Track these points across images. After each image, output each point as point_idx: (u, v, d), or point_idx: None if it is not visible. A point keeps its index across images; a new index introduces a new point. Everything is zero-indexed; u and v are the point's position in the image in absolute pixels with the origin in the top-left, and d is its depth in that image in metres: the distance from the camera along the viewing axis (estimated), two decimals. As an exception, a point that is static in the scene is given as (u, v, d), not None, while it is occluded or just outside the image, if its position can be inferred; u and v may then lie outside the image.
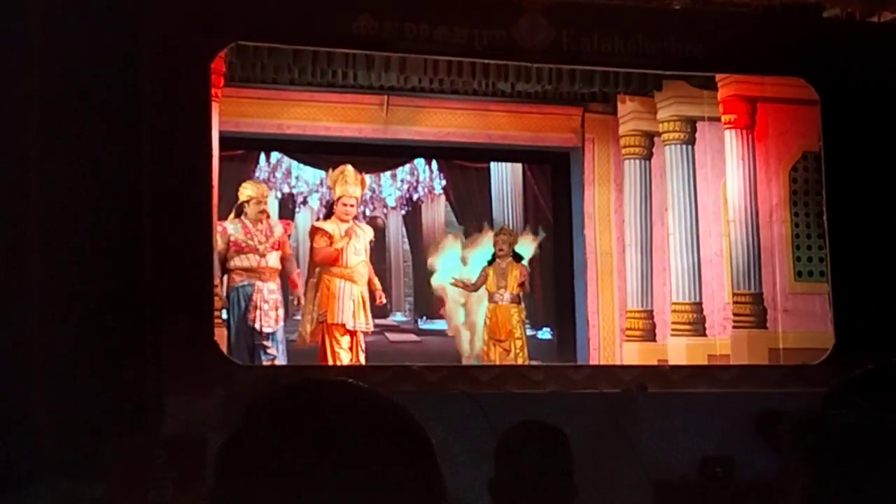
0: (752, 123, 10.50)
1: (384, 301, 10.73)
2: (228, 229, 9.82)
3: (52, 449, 6.57)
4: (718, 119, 10.68)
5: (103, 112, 7.14)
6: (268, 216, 10.25)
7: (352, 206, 10.34)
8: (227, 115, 10.02)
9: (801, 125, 10.17)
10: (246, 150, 12.13)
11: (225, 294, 9.70)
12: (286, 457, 1.45)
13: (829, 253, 9.00)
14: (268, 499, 1.43)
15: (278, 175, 13.54)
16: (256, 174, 12.48)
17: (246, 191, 10.17)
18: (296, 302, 10.52)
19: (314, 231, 10.43)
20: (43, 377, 6.73)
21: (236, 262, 9.78)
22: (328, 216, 10.58)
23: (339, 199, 10.25)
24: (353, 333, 9.98)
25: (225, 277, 9.78)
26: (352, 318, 9.93)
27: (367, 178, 11.56)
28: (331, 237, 10.07)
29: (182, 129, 7.59)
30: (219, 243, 9.68)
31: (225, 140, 9.91)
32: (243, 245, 9.79)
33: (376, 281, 10.53)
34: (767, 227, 10.43)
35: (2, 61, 6.96)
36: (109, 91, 7.17)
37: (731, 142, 10.56)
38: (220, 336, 8.89)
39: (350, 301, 9.97)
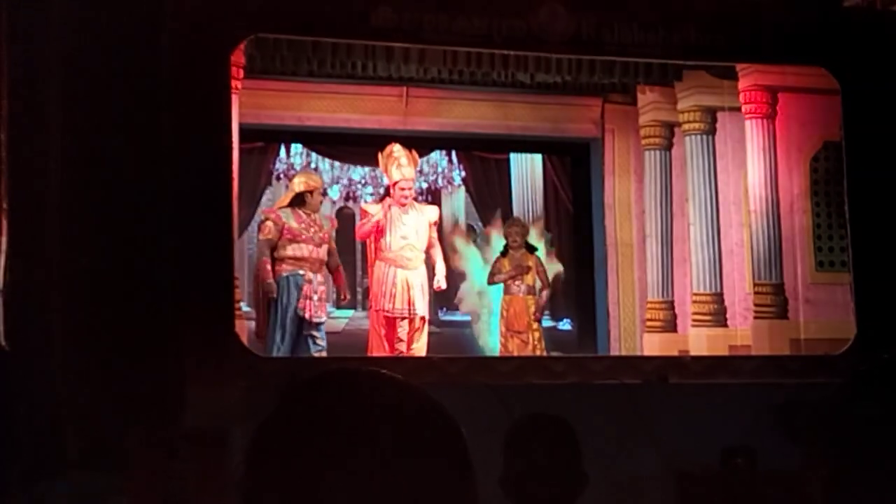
0: (773, 113, 10.47)
1: (442, 287, 10.50)
2: (282, 217, 9.81)
3: (74, 441, 6.59)
4: (739, 109, 10.66)
5: (122, 105, 7.16)
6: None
7: (409, 188, 10.15)
8: (246, 107, 10.02)
9: (822, 115, 10.13)
10: (266, 142, 12.14)
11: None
12: (318, 445, 1.45)
13: (850, 243, 8.96)
14: (299, 487, 1.44)
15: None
16: (277, 166, 12.52)
17: (307, 181, 10.16)
18: (342, 296, 10.52)
19: (362, 213, 10.43)
20: (64, 370, 6.75)
21: (288, 250, 9.74)
22: (384, 198, 10.54)
23: (395, 184, 10.05)
24: (411, 320, 9.92)
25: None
26: (391, 304, 9.85)
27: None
28: (374, 222, 10.01)
29: (202, 122, 7.60)
30: (272, 231, 9.71)
31: (245, 132, 9.93)
32: (298, 235, 9.78)
33: (439, 265, 10.37)
34: (788, 217, 10.40)
35: (21, 50, 6.99)
36: (129, 84, 7.19)
37: (752, 132, 10.53)
38: (242, 328, 8.92)
39: (392, 286, 9.90)
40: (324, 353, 9.63)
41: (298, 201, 9.93)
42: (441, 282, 10.33)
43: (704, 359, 9.45)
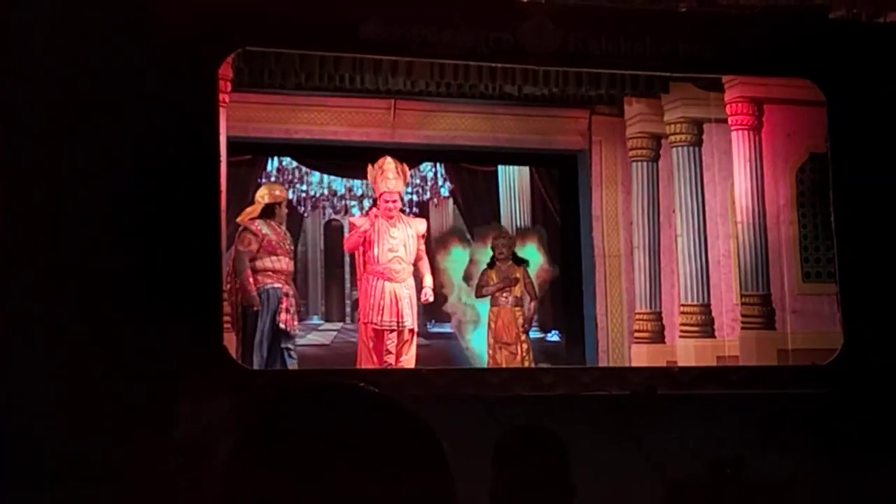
0: (759, 125, 10.50)
1: (429, 299, 10.47)
2: (262, 230, 9.77)
3: (64, 454, 6.59)
4: (725, 121, 10.69)
5: (111, 119, 7.17)
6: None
7: (394, 202, 10.11)
8: (234, 120, 10.03)
9: (807, 126, 10.17)
10: (254, 155, 12.14)
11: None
12: (296, 461, 1.46)
13: (836, 254, 9.00)
14: (278, 502, 1.44)
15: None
16: (264, 178, 12.52)
17: (274, 192, 10.14)
18: (300, 308, 10.51)
19: (350, 226, 10.44)
20: (54, 382, 6.75)
21: (267, 263, 9.70)
22: (369, 211, 10.54)
23: (380, 196, 10.05)
24: (399, 333, 9.92)
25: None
26: (379, 316, 9.85)
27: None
28: (361, 232, 10.03)
29: (190, 135, 7.62)
30: (253, 242, 9.66)
31: (233, 145, 9.93)
32: (277, 247, 9.77)
33: (426, 278, 10.37)
34: (775, 228, 10.43)
35: (7, 66, 7.00)
36: (117, 97, 7.20)
37: (738, 143, 10.56)
38: (229, 340, 8.91)
39: (380, 298, 9.89)
40: (295, 366, 9.61)
41: (268, 213, 9.90)
42: (429, 294, 10.33)
43: (692, 369, 9.47)
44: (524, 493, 3.66)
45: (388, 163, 10.01)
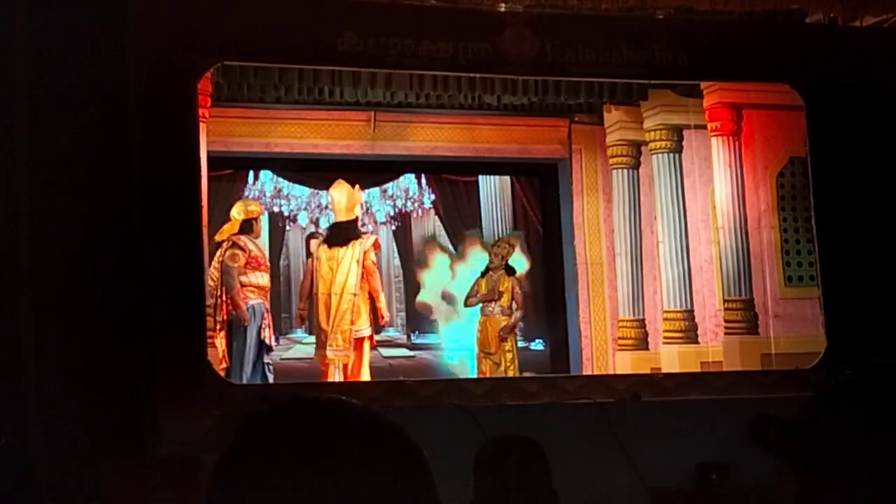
0: (739, 130, 10.53)
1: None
2: (248, 245, 9.81)
3: (48, 473, 6.55)
4: (704, 126, 10.71)
5: (90, 136, 7.14)
6: None
7: None
8: (214, 135, 10.03)
9: (787, 130, 10.20)
10: (234, 169, 12.14)
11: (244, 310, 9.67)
12: (280, 475, 1.45)
13: (818, 257, 9.01)
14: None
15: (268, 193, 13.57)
16: (246, 193, 12.52)
17: (248, 207, 10.17)
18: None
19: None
20: (36, 401, 6.72)
21: (252, 278, 9.74)
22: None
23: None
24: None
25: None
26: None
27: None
28: None
29: (170, 150, 7.59)
30: (240, 258, 9.69)
31: (213, 160, 9.92)
32: (261, 263, 9.80)
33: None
34: (756, 232, 10.45)
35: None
36: (96, 113, 7.17)
37: (718, 149, 10.59)
38: (213, 356, 8.89)
39: None
40: (271, 381, 9.68)
41: (246, 229, 9.93)
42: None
43: (676, 376, 9.48)
44: (508, 502, 3.66)
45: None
